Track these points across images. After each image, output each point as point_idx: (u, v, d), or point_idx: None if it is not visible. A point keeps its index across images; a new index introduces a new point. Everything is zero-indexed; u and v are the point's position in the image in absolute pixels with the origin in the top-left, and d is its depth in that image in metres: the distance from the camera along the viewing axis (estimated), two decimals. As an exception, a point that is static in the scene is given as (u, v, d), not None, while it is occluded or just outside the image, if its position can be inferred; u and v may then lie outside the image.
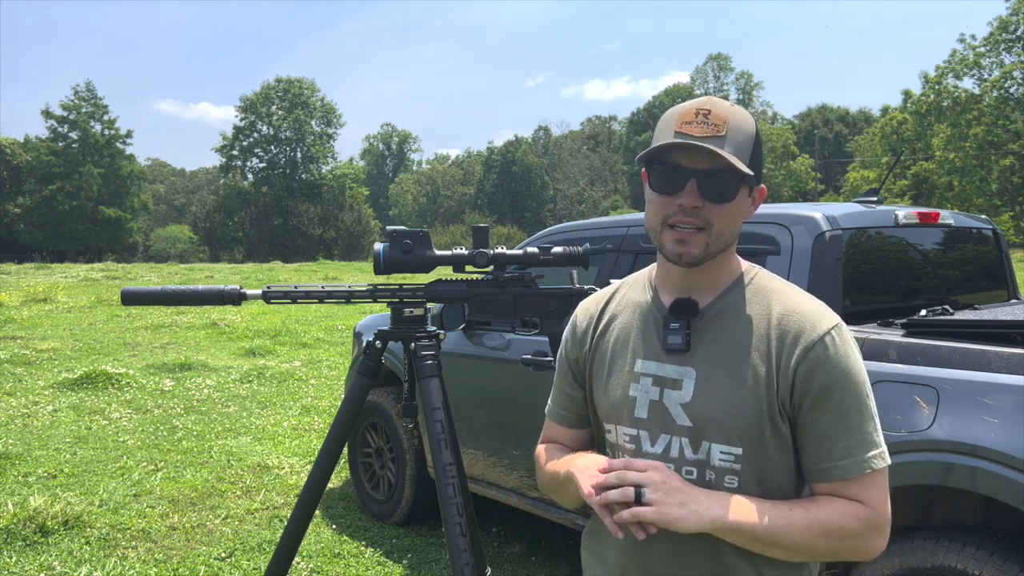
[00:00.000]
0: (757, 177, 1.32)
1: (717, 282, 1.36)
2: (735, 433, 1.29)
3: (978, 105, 43.09)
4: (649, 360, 1.37)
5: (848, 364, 1.26)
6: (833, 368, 1.25)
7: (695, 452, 1.32)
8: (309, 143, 62.27)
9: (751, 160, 1.29)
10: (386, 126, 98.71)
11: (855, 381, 1.26)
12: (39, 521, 4.10)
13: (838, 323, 1.29)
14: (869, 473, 1.25)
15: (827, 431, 1.26)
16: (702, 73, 75.92)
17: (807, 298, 1.34)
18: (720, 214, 1.28)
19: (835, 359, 1.26)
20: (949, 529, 2.27)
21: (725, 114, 1.27)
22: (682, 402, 1.32)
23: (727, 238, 1.31)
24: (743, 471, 1.29)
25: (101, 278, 23.02)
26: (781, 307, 1.31)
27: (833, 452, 1.26)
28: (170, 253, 67.12)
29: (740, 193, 1.30)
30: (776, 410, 1.27)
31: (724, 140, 1.26)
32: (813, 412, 1.26)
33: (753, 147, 1.30)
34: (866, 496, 1.25)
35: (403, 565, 3.86)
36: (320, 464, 2.15)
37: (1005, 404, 2.12)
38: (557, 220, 67.45)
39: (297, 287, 2.05)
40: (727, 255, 1.36)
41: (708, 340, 1.33)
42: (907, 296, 2.99)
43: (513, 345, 3.62)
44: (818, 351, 1.26)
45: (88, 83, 59.06)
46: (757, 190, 1.35)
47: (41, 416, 6.69)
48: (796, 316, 1.29)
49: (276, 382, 8.29)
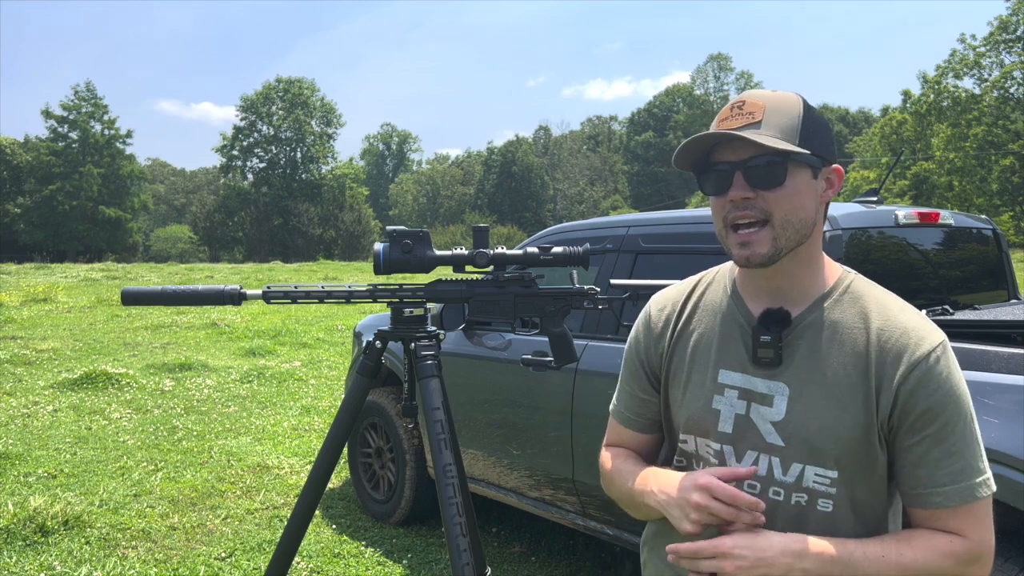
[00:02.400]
0: (823, 156, 1.23)
1: (808, 289, 1.27)
2: (832, 456, 1.22)
3: (978, 105, 43.07)
4: (734, 371, 1.30)
5: (953, 385, 1.19)
6: (938, 388, 1.18)
7: (784, 474, 1.25)
8: (309, 143, 62.28)
9: (803, 139, 1.20)
10: (386, 126, 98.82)
11: (961, 403, 1.19)
12: (39, 521, 4.10)
13: (943, 340, 1.21)
14: (972, 502, 1.19)
15: (927, 455, 1.19)
16: (702, 73, 75.96)
17: (910, 311, 1.26)
18: (776, 200, 1.21)
19: (940, 379, 1.18)
20: (949, 529, 2.27)
21: (761, 101, 1.22)
22: (773, 420, 1.25)
23: (797, 226, 1.22)
24: (838, 495, 1.23)
25: (101, 278, 23.02)
26: (881, 320, 1.23)
27: (934, 478, 1.19)
28: (170, 253, 67.11)
29: (795, 175, 1.21)
30: (876, 432, 1.21)
31: (761, 124, 1.20)
32: (914, 434, 1.19)
33: (803, 125, 1.21)
34: (967, 527, 1.19)
35: (403, 565, 3.86)
36: (320, 464, 2.15)
37: (1005, 404, 2.13)
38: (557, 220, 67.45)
39: (297, 287, 2.05)
40: (811, 255, 1.27)
41: (801, 354, 1.25)
42: (907, 296, 2.98)
43: (513, 345, 3.62)
44: (923, 370, 1.18)
45: (88, 83, 59.15)
46: (830, 171, 1.26)
47: (41, 416, 6.69)
48: (899, 331, 1.21)
49: (276, 382, 8.29)
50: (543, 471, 3.49)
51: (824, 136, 1.24)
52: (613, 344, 3.20)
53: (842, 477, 1.22)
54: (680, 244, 3.12)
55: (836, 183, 1.26)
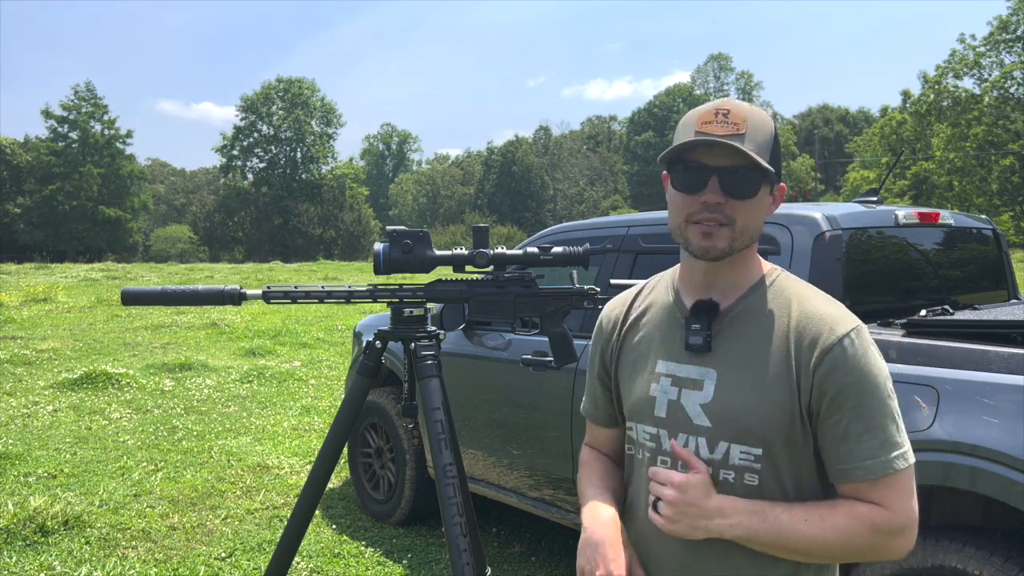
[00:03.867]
0: (777, 175, 1.36)
1: (738, 283, 1.38)
2: (755, 434, 1.31)
3: (978, 105, 43.06)
4: (670, 361, 1.41)
5: (866, 366, 1.27)
6: (851, 370, 1.27)
7: (711, 452, 1.35)
8: (309, 143, 62.26)
9: (771, 158, 1.32)
10: (386, 126, 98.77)
11: (874, 382, 1.27)
12: (39, 521, 4.10)
13: (857, 326, 1.30)
14: (891, 474, 1.26)
15: (847, 432, 1.27)
16: (703, 73, 75.97)
17: (827, 301, 1.35)
18: (742, 210, 1.31)
19: (852, 361, 1.27)
20: (949, 529, 2.27)
21: (744, 114, 1.31)
22: (702, 403, 1.35)
23: (750, 234, 1.34)
24: (763, 470, 1.32)
25: (101, 278, 23.02)
26: (800, 310, 1.33)
27: (853, 453, 1.27)
28: (170, 253, 67.09)
29: (762, 190, 1.33)
30: (797, 412, 1.29)
31: (744, 138, 1.29)
32: (833, 414, 1.28)
33: (773, 145, 1.33)
34: (888, 497, 1.26)
35: (403, 565, 3.86)
36: (320, 464, 2.15)
37: (1005, 404, 2.13)
38: (557, 220, 67.46)
39: (297, 287, 2.05)
40: (748, 255, 1.38)
41: (729, 342, 1.35)
42: (907, 296, 2.99)
43: (513, 345, 3.62)
44: (835, 354, 1.27)
45: (88, 83, 59.03)
46: (777, 188, 1.38)
47: (41, 416, 6.69)
48: (815, 319, 1.31)
49: (276, 382, 8.29)
50: (543, 471, 3.49)
51: (780, 157, 1.38)
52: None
53: (766, 453, 1.31)
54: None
55: (779, 199, 1.38)
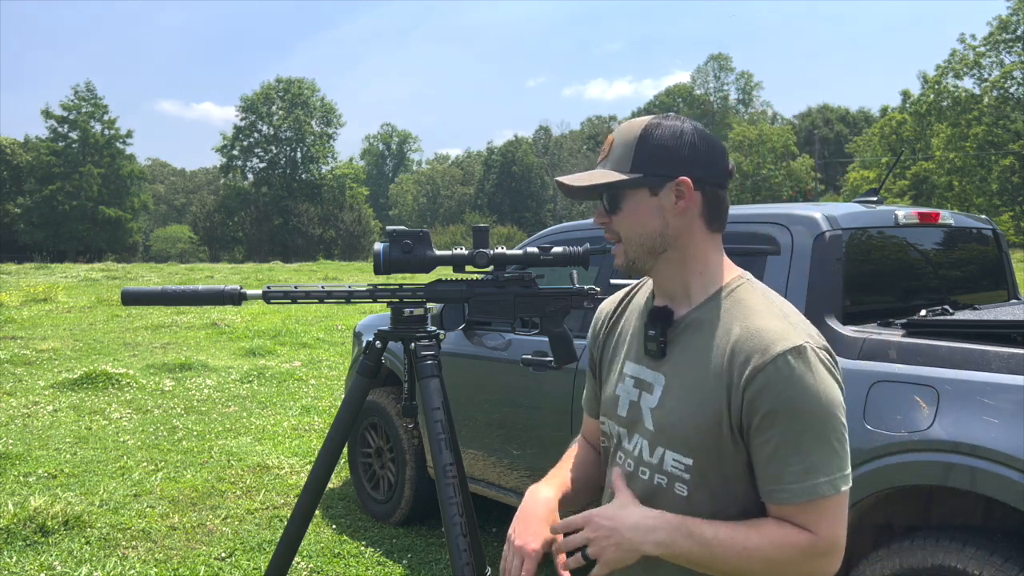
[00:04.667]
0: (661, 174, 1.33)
1: (693, 291, 1.38)
2: (687, 444, 1.32)
3: (978, 105, 43.07)
4: (634, 362, 1.45)
5: (801, 387, 1.23)
6: (782, 391, 1.23)
7: (650, 456, 1.38)
8: (309, 143, 62.26)
9: (635, 164, 1.34)
10: (386, 126, 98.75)
11: (807, 405, 1.23)
12: (39, 521, 4.10)
13: (797, 345, 1.25)
14: (817, 499, 1.23)
15: (775, 454, 1.25)
16: (703, 73, 75.95)
17: (777, 316, 1.30)
18: (619, 223, 1.38)
19: (787, 382, 1.23)
20: (949, 529, 2.27)
21: (613, 135, 1.40)
22: (651, 406, 1.39)
23: (641, 241, 1.36)
24: (693, 481, 1.32)
25: (101, 278, 23.02)
26: (744, 324, 1.30)
27: (780, 475, 1.25)
28: (170, 253, 67.09)
29: (631, 198, 1.35)
30: (727, 427, 1.28)
31: (608, 159, 1.38)
32: (763, 433, 1.25)
33: (636, 151, 1.34)
34: (813, 522, 1.24)
35: (403, 565, 3.86)
36: (320, 464, 2.15)
37: (1005, 404, 2.13)
38: (557, 220, 67.45)
39: (297, 287, 2.04)
40: (688, 261, 1.37)
41: (679, 349, 1.36)
42: (907, 296, 2.99)
43: (513, 345, 3.62)
44: (768, 372, 1.24)
45: (88, 83, 59.03)
46: (672, 185, 1.33)
47: (41, 416, 6.69)
48: (754, 335, 1.28)
49: (276, 382, 8.29)
50: (543, 471, 3.48)
51: (664, 155, 1.34)
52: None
53: (696, 465, 1.32)
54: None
55: (686, 193, 1.34)
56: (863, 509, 2.36)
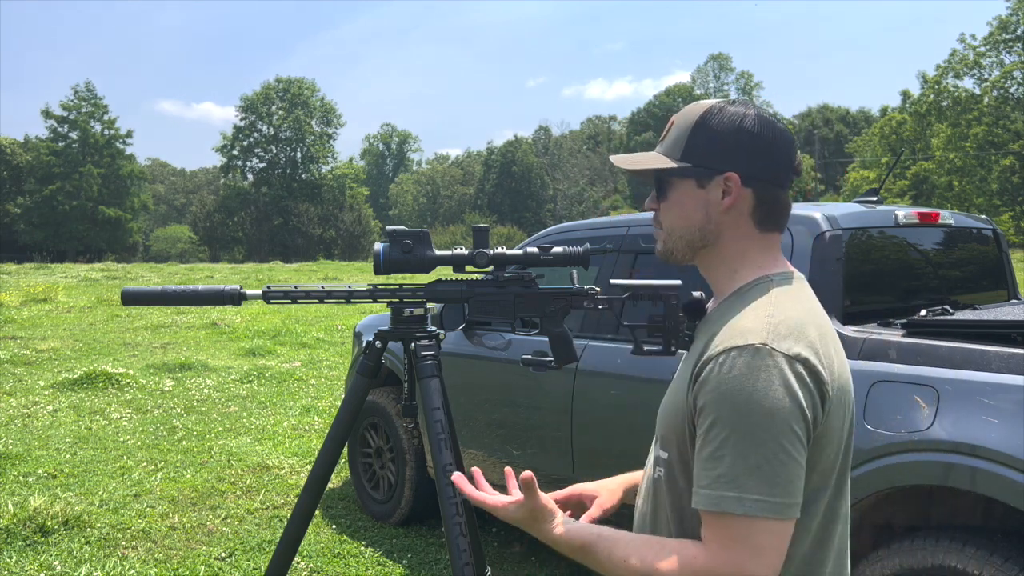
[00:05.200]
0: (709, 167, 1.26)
1: (723, 287, 1.32)
2: (664, 438, 1.30)
3: (978, 105, 43.06)
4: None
5: (734, 387, 1.12)
6: (717, 388, 1.14)
7: (653, 447, 1.37)
8: (309, 143, 62.26)
9: (686, 152, 1.28)
10: (386, 126, 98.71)
11: (736, 408, 1.12)
12: (39, 521, 4.10)
13: (749, 344, 1.14)
14: (718, 513, 1.12)
15: (700, 452, 1.16)
16: (703, 73, 75.98)
17: (758, 316, 1.20)
18: (664, 211, 1.33)
19: (723, 379, 1.14)
20: (949, 529, 2.27)
21: (676, 117, 1.32)
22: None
23: (681, 234, 1.31)
24: (669, 476, 1.29)
25: (101, 278, 23.01)
26: (727, 322, 1.22)
27: (698, 476, 1.15)
28: (170, 253, 67.07)
29: (677, 188, 1.29)
30: (690, 423, 1.21)
31: (664, 143, 1.32)
32: (698, 429, 1.18)
33: (689, 138, 1.28)
34: (710, 539, 1.14)
35: (403, 565, 3.86)
36: (320, 464, 2.15)
37: (1005, 404, 2.13)
38: (557, 220, 67.44)
39: (297, 287, 2.04)
40: (727, 259, 1.30)
41: (696, 343, 1.33)
42: (907, 296, 2.99)
43: (513, 345, 3.62)
44: (710, 368, 1.16)
45: (88, 83, 58.95)
46: (721, 178, 1.26)
47: (41, 416, 6.69)
48: (724, 332, 1.20)
49: (276, 382, 8.29)
50: (543, 471, 3.49)
51: (717, 145, 1.26)
52: (613, 344, 3.20)
53: (670, 459, 1.28)
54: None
55: (734, 189, 1.26)
56: (863, 509, 2.36)
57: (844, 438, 1.23)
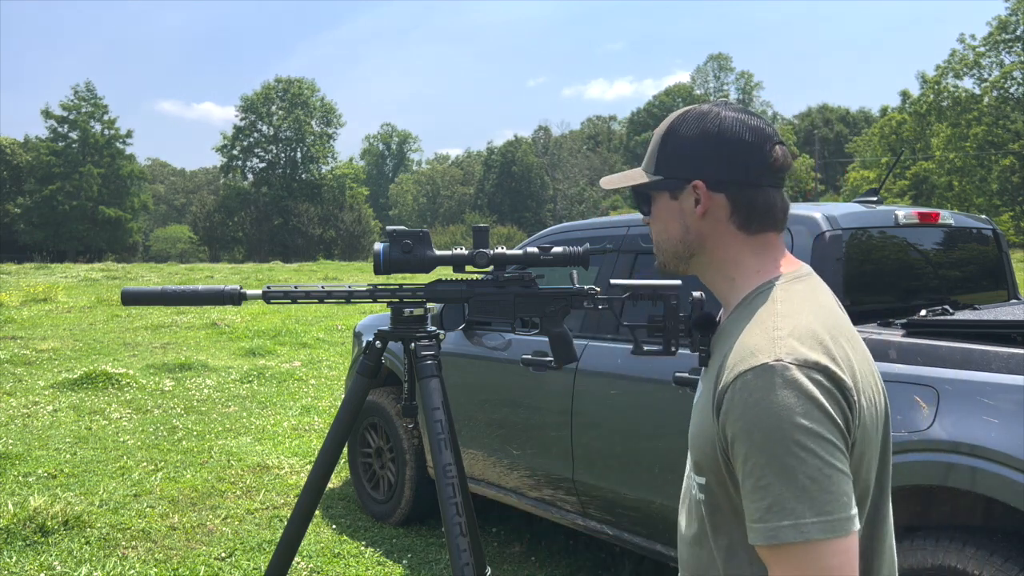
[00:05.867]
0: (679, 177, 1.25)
1: (728, 297, 1.28)
2: (698, 464, 1.22)
3: (978, 105, 43.06)
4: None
5: (755, 413, 1.07)
6: (742, 416, 1.08)
7: (688, 468, 1.30)
8: (309, 143, 62.27)
9: (659, 164, 1.27)
10: (386, 126, 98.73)
11: (765, 433, 1.06)
12: (39, 521, 4.10)
13: (761, 364, 1.09)
14: (777, 545, 1.05)
15: (744, 485, 1.09)
16: (702, 73, 75.99)
17: (764, 330, 1.14)
18: (652, 226, 1.33)
19: (744, 406, 1.08)
20: (949, 529, 2.27)
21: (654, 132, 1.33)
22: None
23: (665, 246, 1.30)
24: (708, 503, 1.21)
25: (101, 278, 23.01)
26: (736, 340, 1.17)
27: (750, 512, 1.08)
28: (170, 253, 67.06)
29: (657, 202, 1.30)
30: (723, 453, 1.15)
31: (645, 157, 1.32)
32: (735, 462, 1.12)
33: (659, 151, 1.27)
34: (779, 573, 1.07)
35: (403, 565, 3.86)
36: (320, 464, 2.15)
37: (1005, 404, 2.13)
38: (557, 220, 67.44)
39: (297, 287, 2.04)
40: (721, 266, 1.27)
41: (712, 360, 1.26)
42: (907, 296, 2.99)
43: (513, 345, 3.62)
44: (730, 395, 1.11)
45: (88, 83, 58.96)
46: (690, 187, 1.24)
47: (41, 416, 6.69)
48: (735, 353, 1.14)
49: (276, 382, 8.29)
50: (543, 471, 3.49)
51: (682, 154, 1.25)
52: (613, 344, 3.20)
53: (708, 485, 1.20)
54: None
55: (703, 197, 1.23)
56: (863, 509, 2.36)
57: (880, 436, 1.20)
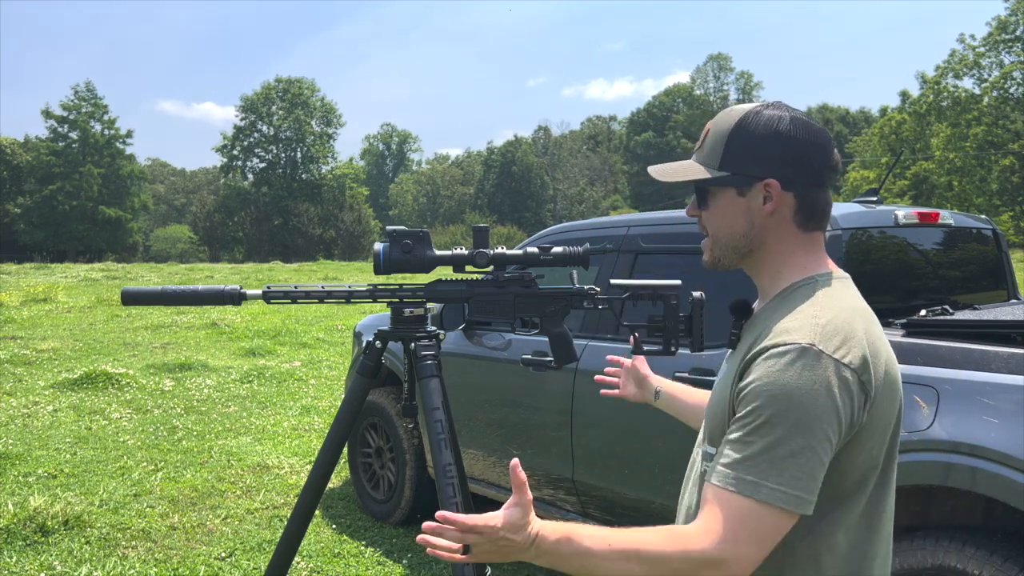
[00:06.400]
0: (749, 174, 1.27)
1: (767, 289, 1.34)
2: (711, 433, 1.31)
3: (978, 105, 43.06)
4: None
5: (773, 381, 1.14)
6: (756, 380, 1.16)
7: (700, 442, 1.40)
8: (309, 143, 62.28)
9: (724, 161, 1.29)
10: (386, 126, 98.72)
11: (772, 401, 1.13)
12: (39, 521, 4.10)
13: (800, 346, 1.15)
14: (727, 491, 1.12)
15: (728, 435, 1.18)
16: (702, 73, 75.98)
17: (804, 317, 1.21)
18: (708, 219, 1.34)
19: (762, 372, 1.16)
20: (949, 529, 2.27)
21: (711, 124, 1.33)
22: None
23: (726, 241, 1.32)
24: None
25: (101, 278, 23.01)
26: (773, 323, 1.23)
27: (724, 455, 1.16)
28: (170, 253, 67.06)
29: (718, 197, 1.31)
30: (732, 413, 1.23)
31: (701, 152, 1.33)
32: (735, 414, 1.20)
33: (726, 147, 1.29)
34: (711, 515, 1.13)
35: (403, 565, 3.86)
36: (320, 464, 2.15)
37: (1005, 404, 2.13)
38: (557, 220, 67.43)
39: (297, 287, 2.04)
40: (772, 262, 1.31)
41: (741, 343, 1.34)
42: (907, 296, 2.99)
43: (513, 345, 3.62)
44: (756, 363, 1.18)
45: (88, 83, 58.98)
46: (760, 185, 1.27)
47: (41, 416, 6.69)
48: (769, 330, 1.21)
49: (276, 382, 8.29)
50: (543, 471, 3.49)
51: (754, 153, 1.27)
52: (613, 344, 3.20)
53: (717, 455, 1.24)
54: (680, 244, 3.12)
55: (775, 196, 1.27)
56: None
57: (892, 424, 1.26)
